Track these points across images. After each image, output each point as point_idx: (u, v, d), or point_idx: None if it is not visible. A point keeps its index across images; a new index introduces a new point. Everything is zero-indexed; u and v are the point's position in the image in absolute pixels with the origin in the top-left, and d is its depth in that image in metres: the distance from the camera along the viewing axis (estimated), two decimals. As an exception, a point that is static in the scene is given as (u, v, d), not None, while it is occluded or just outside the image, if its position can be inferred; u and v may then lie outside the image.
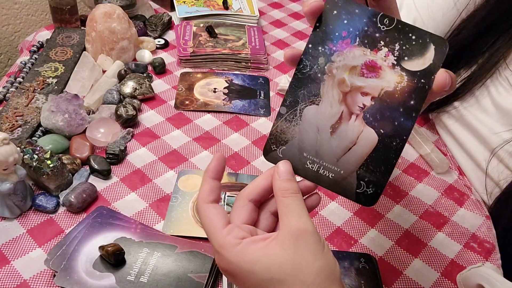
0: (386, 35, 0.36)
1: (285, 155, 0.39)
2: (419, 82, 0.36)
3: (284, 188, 0.37)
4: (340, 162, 0.38)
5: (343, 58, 0.37)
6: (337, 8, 0.37)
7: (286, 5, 1.12)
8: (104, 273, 0.51)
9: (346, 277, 0.54)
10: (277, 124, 0.38)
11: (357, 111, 0.37)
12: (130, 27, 0.84)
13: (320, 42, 0.37)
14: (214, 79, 0.84)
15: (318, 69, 0.37)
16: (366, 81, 0.37)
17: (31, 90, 0.74)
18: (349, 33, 0.37)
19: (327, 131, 0.38)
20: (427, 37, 0.36)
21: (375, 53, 0.37)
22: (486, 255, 0.59)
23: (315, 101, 0.37)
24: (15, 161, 0.53)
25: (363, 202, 0.38)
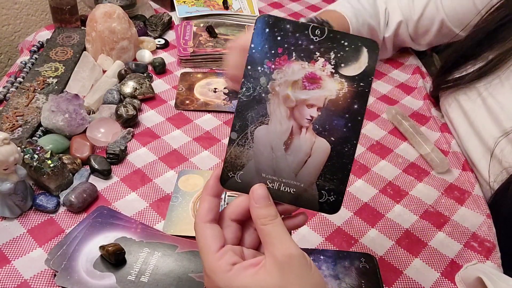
0: (320, 45, 0.37)
1: (243, 179, 0.38)
2: (358, 86, 0.37)
3: (263, 216, 0.37)
4: (299, 176, 0.38)
5: (284, 75, 0.37)
6: (268, 26, 0.37)
7: (286, 5, 1.12)
8: (105, 273, 0.51)
9: (346, 277, 0.54)
10: (230, 151, 0.38)
11: (306, 123, 0.38)
12: (130, 27, 0.84)
13: (258, 62, 0.37)
14: (215, 79, 0.84)
15: (261, 90, 0.37)
16: (309, 93, 0.37)
17: (31, 90, 0.74)
18: (285, 49, 0.37)
19: (281, 148, 0.38)
20: (359, 41, 0.37)
21: (312, 64, 0.37)
22: (486, 254, 0.59)
23: (264, 121, 0.38)
24: (15, 161, 0.53)
25: (327, 211, 0.39)
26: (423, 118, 0.81)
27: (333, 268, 0.55)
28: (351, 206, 0.64)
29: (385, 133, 0.78)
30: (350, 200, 0.65)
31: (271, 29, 0.37)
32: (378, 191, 0.67)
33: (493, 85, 0.69)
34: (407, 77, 0.91)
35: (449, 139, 0.77)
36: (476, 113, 0.71)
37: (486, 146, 0.68)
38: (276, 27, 0.37)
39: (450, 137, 0.77)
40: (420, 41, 0.89)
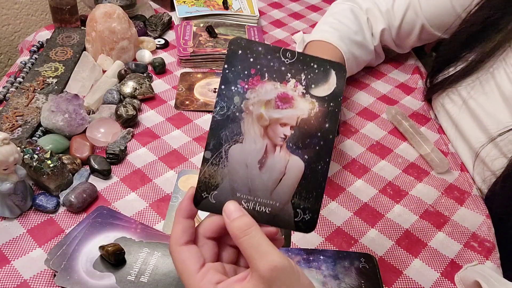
0: (291, 67, 0.39)
1: (218, 199, 0.38)
2: (329, 106, 0.39)
3: (238, 229, 0.36)
4: (274, 195, 0.38)
5: (257, 94, 0.38)
6: (241, 48, 0.38)
7: (286, 5, 1.12)
8: (105, 273, 0.51)
9: (346, 277, 0.54)
10: (204, 170, 0.38)
11: (280, 142, 0.38)
12: (130, 27, 0.84)
13: (231, 82, 0.38)
14: (214, 79, 0.84)
15: (235, 109, 0.38)
16: (282, 113, 0.38)
17: (31, 90, 0.74)
18: (258, 70, 0.38)
19: (255, 167, 0.38)
20: (327, 64, 0.39)
21: (284, 85, 0.38)
22: (486, 254, 0.59)
23: (239, 139, 0.38)
24: (15, 161, 0.53)
25: (303, 230, 0.39)
26: (423, 118, 0.81)
27: (333, 268, 0.55)
28: (351, 206, 0.64)
29: (385, 133, 0.78)
30: (350, 200, 0.65)
31: (244, 51, 0.38)
32: (378, 191, 0.67)
33: (474, 88, 0.70)
34: (407, 77, 0.91)
35: (447, 140, 0.77)
36: (461, 117, 0.72)
37: (473, 150, 0.69)
38: (248, 49, 0.38)
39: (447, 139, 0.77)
40: (403, 45, 0.89)
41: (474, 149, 0.68)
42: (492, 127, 0.65)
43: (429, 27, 0.81)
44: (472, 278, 0.53)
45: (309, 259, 0.56)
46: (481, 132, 0.68)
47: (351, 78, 0.90)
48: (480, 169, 0.67)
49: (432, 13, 0.79)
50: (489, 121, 0.66)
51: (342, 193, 0.66)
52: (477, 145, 0.68)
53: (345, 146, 0.74)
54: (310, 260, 0.56)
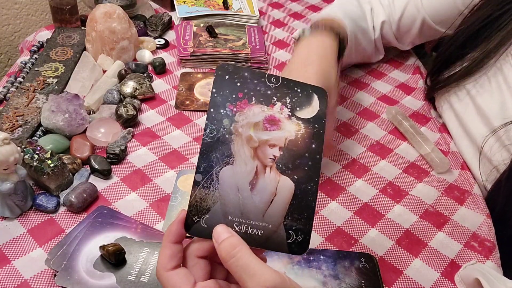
0: (276, 91, 0.40)
1: (209, 223, 0.37)
2: (314, 128, 0.40)
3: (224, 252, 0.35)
4: (266, 217, 0.38)
5: (245, 117, 0.39)
6: (228, 74, 0.40)
7: (286, 5, 1.12)
8: (105, 273, 0.51)
9: (346, 277, 0.54)
10: (195, 193, 0.37)
11: (269, 163, 0.39)
12: (130, 27, 0.84)
13: (220, 106, 0.39)
14: (215, 79, 0.84)
15: (225, 131, 0.39)
16: (270, 134, 0.39)
17: (31, 90, 0.74)
18: (245, 94, 0.40)
19: (247, 188, 0.38)
20: (309, 88, 0.41)
21: (271, 108, 0.40)
22: (486, 254, 0.59)
23: (229, 161, 0.38)
24: (15, 161, 0.53)
25: (295, 252, 0.39)
26: (423, 118, 0.81)
27: (333, 268, 0.55)
28: (351, 206, 0.64)
29: (385, 133, 0.78)
30: (350, 200, 0.65)
31: (231, 76, 0.40)
32: (378, 191, 0.67)
33: (480, 84, 0.70)
34: (407, 77, 0.91)
35: (448, 140, 0.77)
36: (466, 113, 0.72)
37: (476, 146, 0.69)
38: (235, 74, 0.40)
39: (449, 138, 0.77)
40: (404, 40, 0.88)
41: (478, 145, 0.68)
42: (498, 122, 0.65)
43: (431, 22, 0.81)
44: (472, 276, 0.53)
45: (309, 259, 0.56)
46: (487, 128, 0.67)
47: (351, 78, 0.90)
48: (484, 165, 0.67)
49: (433, 7, 0.80)
50: (496, 116, 0.66)
51: (342, 193, 0.66)
52: (480, 140, 0.67)
53: (345, 146, 0.74)
54: (310, 260, 0.56)
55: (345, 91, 0.86)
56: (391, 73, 0.92)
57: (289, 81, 0.41)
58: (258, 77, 0.40)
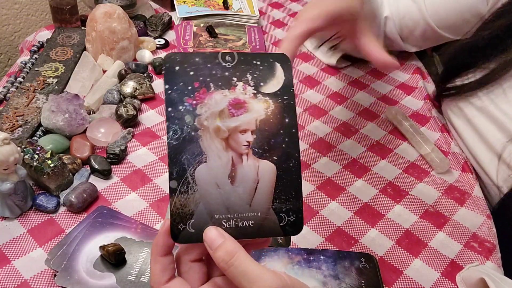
0: (235, 70, 0.37)
1: (196, 227, 0.35)
2: (283, 100, 0.37)
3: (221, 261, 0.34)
4: (253, 206, 0.36)
5: (208, 108, 0.36)
6: (177, 64, 0.36)
7: (286, 5, 1.12)
8: (105, 273, 0.51)
9: (346, 277, 0.54)
10: (174, 201, 0.35)
11: (244, 150, 0.36)
12: (131, 27, 0.84)
13: (177, 102, 0.36)
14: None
15: (189, 128, 0.35)
16: (238, 119, 0.36)
17: (31, 90, 0.74)
18: (201, 82, 0.36)
19: (227, 183, 0.36)
20: (269, 57, 0.38)
21: (233, 90, 0.37)
22: (486, 255, 0.59)
23: (202, 159, 0.35)
24: (15, 161, 0.53)
25: (291, 232, 0.37)
26: (423, 118, 0.81)
27: (333, 268, 0.55)
28: (351, 206, 0.64)
29: (385, 133, 0.78)
30: (350, 200, 0.65)
31: (181, 66, 0.36)
32: (378, 191, 0.67)
33: (495, 94, 0.69)
34: (407, 77, 0.91)
35: (449, 140, 0.77)
36: (480, 120, 0.71)
37: (493, 151, 0.68)
38: (185, 63, 0.36)
39: (450, 138, 0.77)
40: (409, 42, 0.87)
41: (496, 150, 0.67)
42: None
43: (435, 27, 0.79)
44: (475, 277, 0.53)
45: (310, 259, 0.56)
46: (503, 133, 0.66)
47: (351, 78, 0.90)
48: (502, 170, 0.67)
49: (437, 13, 0.78)
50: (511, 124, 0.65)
51: (342, 193, 0.66)
52: (498, 146, 0.66)
53: (345, 146, 0.74)
54: (311, 260, 0.56)
55: (345, 91, 0.86)
56: (391, 73, 0.92)
57: (245, 55, 0.37)
58: (211, 59, 0.37)
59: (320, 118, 0.79)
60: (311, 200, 0.65)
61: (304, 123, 0.78)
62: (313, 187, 0.67)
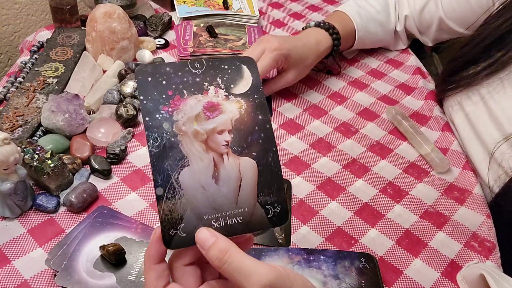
0: (205, 76, 0.39)
1: (187, 231, 0.36)
2: (254, 99, 0.39)
3: (215, 259, 0.34)
4: (239, 203, 0.37)
5: (184, 113, 0.37)
6: (149, 75, 0.37)
7: (286, 5, 1.12)
8: (105, 273, 0.51)
9: (346, 277, 0.54)
10: (162, 208, 0.36)
11: (224, 150, 0.38)
12: (131, 27, 0.84)
13: (154, 111, 0.37)
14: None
15: (168, 135, 0.36)
16: (215, 121, 0.38)
17: (31, 90, 0.74)
18: (175, 90, 0.38)
19: (211, 183, 0.37)
20: (236, 61, 0.40)
21: (206, 94, 0.38)
22: (486, 254, 0.59)
23: (184, 164, 0.36)
24: (15, 161, 0.53)
25: (278, 223, 0.39)
26: (423, 118, 0.82)
27: (333, 268, 0.55)
28: (351, 206, 0.64)
29: (385, 133, 0.78)
30: (350, 200, 0.65)
31: (153, 77, 0.37)
32: (378, 191, 0.67)
33: (495, 88, 0.70)
34: (407, 77, 0.91)
35: (449, 138, 0.77)
36: (478, 116, 0.72)
37: (486, 150, 0.69)
38: (157, 73, 0.38)
39: (451, 136, 0.77)
40: (427, 35, 0.91)
41: (489, 149, 0.68)
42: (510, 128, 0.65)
43: (447, 21, 0.83)
44: (476, 274, 0.53)
45: (310, 259, 0.56)
46: (498, 132, 0.67)
47: (351, 78, 0.90)
48: (493, 169, 0.67)
49: (451, 5, 0.82)
50: (509, 122, 0.66)
51: (342, 193, 0.66)
52: (492, 144, 0.67)
53: (345, 146, 0.74)
54: (311, 260, 0.56)
55: (345, 91, 0.86)
56: (391, 73, 0.92)
57: (213, 61, 0.39)
58: (181, 67, 0.38)
59: (320, 118, 0.79)
60: (311, 200, 0.65)
61: (304, 123, 0.78)
62: (313, 187, 0.67)
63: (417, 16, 0.89)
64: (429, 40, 0.92)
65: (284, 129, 0.76)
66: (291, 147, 0.73)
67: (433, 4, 0.85)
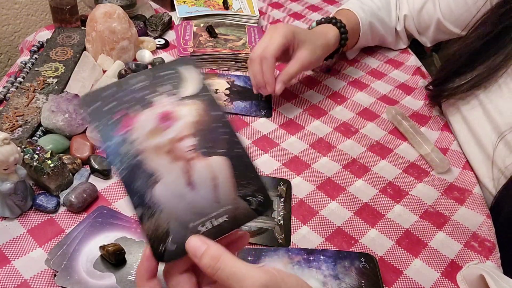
0: (149, 88, 0.38)
1: (177, 241, 0.36)
2: (205, 96, 0.39)
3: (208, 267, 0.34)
4: (221, 202, 0.37)
5: (139, 131, 0.36)
6: (94, 103, 0.37)
7: (286, 5, 1.12)
8: (105, 273, 0.51)
9: (346, 277, 0.54)
10: (146, 227, 0.35)
11: (191, 155, 0.37)
12: (131, 27, 0.84)
13: (109, 137, 0.36)
14: (216, 80, 0.84)
15: (131, 156, 0.36)
16: (173, 129, 0.37)
17: (31, 90, 0.74)
18: (123, 110, 0.37)
19: (187, 191, 0.36)
20: (173, 65, 0.40)
21: (156, 106, 0.37)
22: (486, 254, 0.59)
23: (156, 179, 0.36)
24: (15, 161, 0.53)
25: (263, 211, 0.38)
26: (423, 118, 0.81)
27: (333, 268, 0.55)
28: (351, 206, 0.64)
29: (385, 133, 0.78)
30: (350, 200, 0.65)
31: (99, 103, 0.37)
32: (378, 191, 0.67)
33: (492, 91, 0.70)
34: (407, 77, 0.91)
35: (449, 138, 0.77)
36: (475, 118, 0.72)
37: (485, 152, 0.69)
38: (99, 100, 0.37)
39: (451, 136, 0.77)
40: (425, 36, 0.91)
41: (487, 151, 0.68)
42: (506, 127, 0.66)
43: (444, 22, 0.84)
44: (475, 274, 0.53)
45: (310, 259, 0.56)
46: (495, 134, 0.67)
47: (351, 78, 0.90)
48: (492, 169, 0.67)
49: (448, 6, 0.82)
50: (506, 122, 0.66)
51: (342, 193, 0.66)
52: (490, 146, 0.67)
53: (345, 146, 0.74)
54: (311, 260, 0.56)
55: (345, 91, 0.86)
56: (391, 73, 0.92)
57: (153, 71, 0.39)
58: (123, 86, 0.37)
59: (320, 118, 0.79)
60: (311, 200, 0.65)
61: (304, 123, 0.78)
62: (313, 187, 0.67)
63: (416, 16, 0.89)
64: (428, 41, 0.92)
65: (284, 129, 0.76)
66: (291, 147, 0.73)
67: (431, 5, 0.85)
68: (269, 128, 0.76)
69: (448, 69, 0.77)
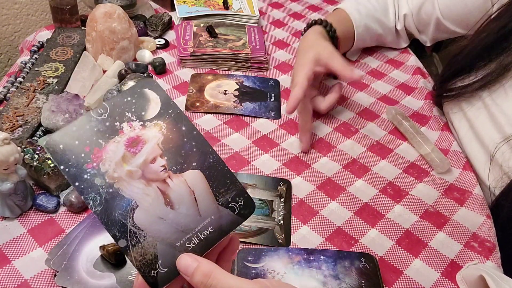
0: (112, 116, 0.38)
1: (166, 264, 0.36)
2: (170, 114, 0.39)
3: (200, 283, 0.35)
4: (203, 214, 0.38)
5: (109, 161, 0.37)
6: (59, 144, 0.36)
7: (286, 5, 1.12)
8: (105, 273, 0.51)
9: (346, 277, 0.54)
10: (133, 256, 0.35)
11: (164, 175, 0.37)
12: (131, 27, 0.84)
13: (80, 173, 0.36)
14: (225, 81, 0.84)
15: (105, 188, 0.36)
16: (142, 153, 0.37)
17: (31, 90, 0.74)
18: (90, 144, 0.37)
19: (167, 211, 0.37)
20: (135, 88, 0.39)
21: (122, 133, 0.38)
22: (486, 255, 0.59)
23: (134, 206, 0.36)
24: (15, 161, 0.53)
25: (248, 214, 0.39)
26: (423, 118, 0.81)
27: (333, 268, 0.55)
28: (351, 206, 0.64)
29: (385, 133, 0.78)
30: (350, 200, 0.65)
31: (64, 143, 0.37)
32: (378, 191, 0.67)
33: (496, 93, 0.69)
34: (407, 77, 0.91)
35: (449, 138, 0.77)
36: (478, 118, 0.71)
37: (487, 152, 0.68)
38: (66, 138, 0.37)
39: (451, 136, 0.77)
40: (425, 34, 0.92)
41: (489, 151, 0.68)
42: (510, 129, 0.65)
43: (444, 21, 0.84)
44: (475, 275, 0.53)
45: (310, 259, 0.56)
46: (498, 134, 0.67)
47: (351, 78, 0.90)
48: (493, 171, 0.67)
49: (446, 5, 0.83)
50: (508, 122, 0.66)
51: (342, 193, 0.66)
52: (492, 146, 0.67)
53: (345, 146, 0.74)
54: (311, 260, 0.56)
55: (345, 91, 0.86)
56: (391, 73, 0.92)
57: (115, 98, 0.39)
58: (86, 121, 0.37)
59: (320, 118, 0.79)
60: (311, 200, 0.65)
61: (304, 123, 0.78)
62: (313, 187, 0.67)
63: (415, 15, 0.89)
64: (428, 40, 0.92)
65: (284, 129, 0.76)
66: (291, 147, 0.73)
67: (430, 4, 0.85)
68: (269, 128, 0.76)
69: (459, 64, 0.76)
